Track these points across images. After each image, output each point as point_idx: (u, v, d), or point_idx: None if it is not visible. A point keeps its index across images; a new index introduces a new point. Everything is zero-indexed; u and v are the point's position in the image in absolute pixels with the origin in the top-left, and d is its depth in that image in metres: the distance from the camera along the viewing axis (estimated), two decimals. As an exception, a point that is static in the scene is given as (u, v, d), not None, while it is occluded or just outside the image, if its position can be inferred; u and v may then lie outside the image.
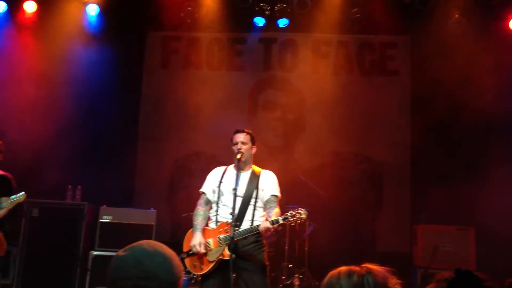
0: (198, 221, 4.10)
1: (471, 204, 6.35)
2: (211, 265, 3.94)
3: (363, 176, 7.77)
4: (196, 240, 3.98)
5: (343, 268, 1.64)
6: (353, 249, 6.95)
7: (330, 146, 7.73)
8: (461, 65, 6.76)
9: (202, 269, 3.96)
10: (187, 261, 4.03)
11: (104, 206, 6.39)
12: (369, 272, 1.54)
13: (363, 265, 1.60)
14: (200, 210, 4.17)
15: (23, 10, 7.12)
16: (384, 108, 7.74)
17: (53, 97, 7.06)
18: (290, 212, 3.83)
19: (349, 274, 1.57)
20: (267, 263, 4.05)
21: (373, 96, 7.78)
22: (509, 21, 6.73)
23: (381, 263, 1.65)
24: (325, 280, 1.68)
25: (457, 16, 6.82)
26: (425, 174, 7.31)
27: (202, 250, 3.94)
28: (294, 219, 3.80)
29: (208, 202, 4.20)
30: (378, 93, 7.79)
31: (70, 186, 6.55)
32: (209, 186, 4.22)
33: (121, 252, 1.44)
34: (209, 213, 4.18)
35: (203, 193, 4.22)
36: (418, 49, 7.61)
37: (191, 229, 4.20)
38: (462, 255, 6.19)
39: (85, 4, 7.16)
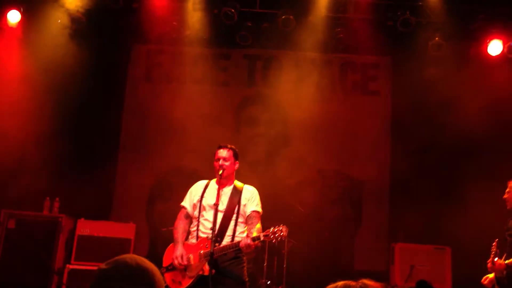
0: (179, 234, 4.09)
1: (448, 224, 6.45)
2: (191, 280, 3.91)
3: (343, 194, 7.83)
4: (178, 252, 3.97)
5: (340, 283, 1.67)
6: (331, 267, 6.98)
7: (312, 163, 7.79)
8: (440, 87, 6.92)
9: (181, 284, 3.93)
10: (166, 276, 4.00)
11: (82, 219, 6.31)
12: (365, 287, 1.56)
13: (360, 280, 1.63)
14: (180, 223, 4.16)
15: (7, 18, 7.06)
16: (365, 127, 7.85)
17: (34, 105, 6.97)
18: (272, 228, 3.83)
19: None
20: (246, 279, 4.04)
21: (355, 115, 7.89)
22: (487, 45, 6.92)
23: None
24: None
25: (437, 39, 6.98)
26: (404, 193, 7.41)
27: (185, 262, 3.92)
28: (275, 236, 3.81)
29: (188, 216, 4.19)
30: (360, 112, 7.91)
31: (48, 197, 6.46)
32: (190, 201, 4.22)
33: (103, 266, 1.44)
34: (189, 227, 4.17)
35: (184, 207, 4.21)
36: (399, 70, 7.77)
37: (171, 244, 4.19)
38: (438, 274, 6.26)
39: (70, 13, 7.14)
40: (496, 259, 4.31)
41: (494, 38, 6.84)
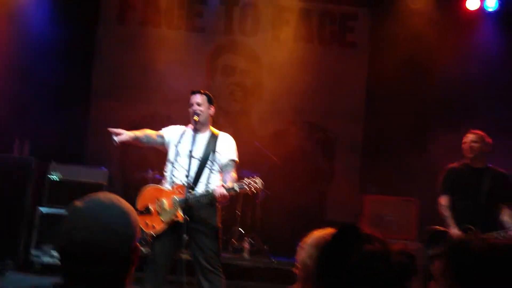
0: (140, 131, 4.11)
1: (418, 177, 6.60)
2: (164, 225, 3.93)
3: (316, 146, 7.92)
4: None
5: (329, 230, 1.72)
6: (303, 217, 7.12)
7: (286, 114, 7.79)
8: (417, 40, 6.93)
9: (154, 228, 3.95)
10: (140, 219, 3.99)
11: (54, 162, 6.21)
12: None
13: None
14: (147, 130, 4.16)
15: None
16: (341, 80, 7.84)
17: (1, 48, 6.70)
18: (246, 180, 3.84)
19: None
20: (220, 226, 4.09)
21: (331, 66, 7.86)
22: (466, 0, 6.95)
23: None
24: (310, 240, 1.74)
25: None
26: (376, 147, 7.53)
27: (114, 132, 3.93)
28: (249, 188, 3.83)
29: (160, 138, 4.15)
30: (336, 64, 7.88)
31: (17, 139, 6.29)
32: (169, 133, 4.18)
33: (77, 203, 1.40)
34: (154, 145, 4.18)
35: (161, 132, 4.20)
36: (377, 22, 7.72)
37: (145, 186, 4.19)
38: (405, 225, 6.47)
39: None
40: None
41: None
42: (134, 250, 1.41)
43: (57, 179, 6.06)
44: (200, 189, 3.96)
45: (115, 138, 3.93)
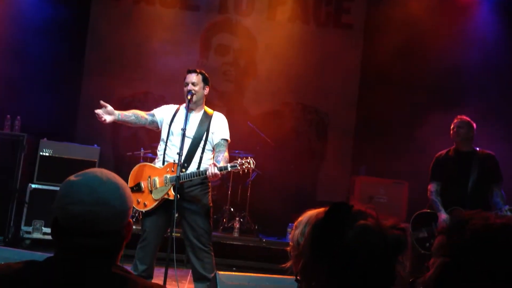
0: (129, 111, 4.07)
1: (409, 160, 6.64)
2: (155, 203, 3.95)
3: (309, 127, 7.93)
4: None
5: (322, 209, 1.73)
6: (293, 198, 7.16)
7: (280, 95, 7.78)
8: (413, 24, 6.90)
9: (146, 206, 3.96)
10: (131, 197, 4.01)
11: (45, 139, 6.19)
12: None
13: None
14: (136, 110, 4.12)
15: None
16: (335, 61, 7.82)
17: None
18: (239, 160, 3.86)
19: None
20: (211, 205, 4.10)
21: (326, 48, 7.82)
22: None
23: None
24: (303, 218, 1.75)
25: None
26: (368, 129, 7.56)
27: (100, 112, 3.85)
28: (242, 168, 3.84)
29: (152, 118, 4.12)
30: (331, 45, 7.85)
31: (8, 116, 6.26)
32: (161, 112, 4.16)
33: (72, 178, 1.41)
34: (144, 124, 4.13)
35: (153, 111, 4.17)
36: (373, 4, 7.68)
37: (137, 165, 4.19)
38: (395, 207, 6.55)
39: None
40: None
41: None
42: (128, 225, 1.44)
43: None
44: (192, 167, 3.96)
45: (104, 116, 3.88)
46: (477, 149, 4.65)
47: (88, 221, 1.35)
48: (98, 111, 3.89)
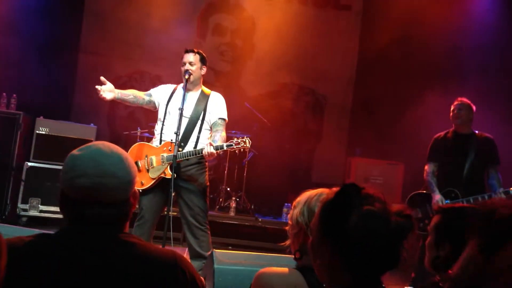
0: (127, 90, 4.09)
1: (404, 142, 6.68)
2: (152, 181, 3.97)
3: (306, 108, 7.94)
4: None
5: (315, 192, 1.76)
6: (289, 178, 7.21)
7: (277, 76, 7.76)
8: (411, 5, 6.86)
9: (143, 184, 3.98)
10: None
11: (41, 117, 6.17)
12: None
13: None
14: (134, 90, 4.14)
15: None
16: (333, 42, 7.79)
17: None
18: (235, 139, 3.87)
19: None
20: (207, 184, 4.13)
21: (324, 29, 7.78)
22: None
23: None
24: (302, 198, 1.77)
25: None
26: (365, 111, 7.57)
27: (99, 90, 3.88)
28: (238, 147, 3.85)
29: (148, 97, 4.13)
30: (329, 27, 7.81)
31: (4, 94, 6.23)
32: (158, 92, 4.16)
33: (76, 152, 1.45)
34: (142, 104, 4.15)
35: (150, 92, 4.18)
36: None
37: (134, 144, 4.20)
38: (390, 188, 6.60)
39: None
40: None
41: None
42: (134, 194, 1.49)
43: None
44: (189, 147, 3.98)
45: (104, 93, 3.90)
46: (476, 132, 4.66)
47: (95, 192, 1.39)
48: (98, 87, 3.89)
